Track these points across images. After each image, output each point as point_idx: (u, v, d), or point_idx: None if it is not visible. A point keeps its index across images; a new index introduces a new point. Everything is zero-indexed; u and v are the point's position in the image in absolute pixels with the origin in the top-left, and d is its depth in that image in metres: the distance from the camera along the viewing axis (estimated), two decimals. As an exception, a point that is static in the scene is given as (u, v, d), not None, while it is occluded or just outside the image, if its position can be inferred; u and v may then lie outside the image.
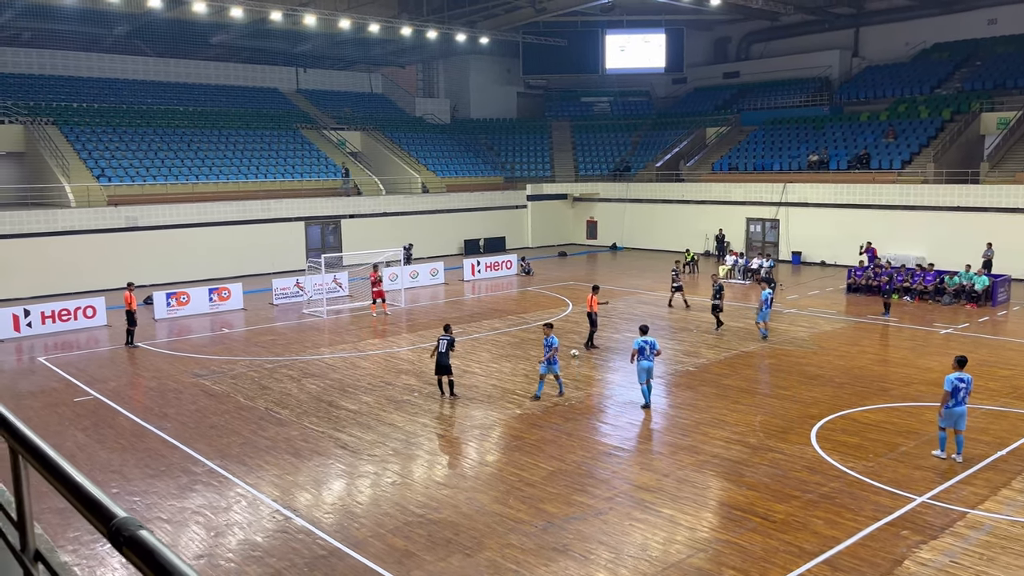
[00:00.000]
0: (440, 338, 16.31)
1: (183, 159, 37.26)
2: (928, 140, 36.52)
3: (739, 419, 14.76)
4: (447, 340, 16.19)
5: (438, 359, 16.24)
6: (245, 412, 15.77)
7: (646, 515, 10.69)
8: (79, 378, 18.59)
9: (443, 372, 16.33)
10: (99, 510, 1.53)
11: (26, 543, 2.04)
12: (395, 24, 39.19)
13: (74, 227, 30.92)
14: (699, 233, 40.95)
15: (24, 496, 2.06)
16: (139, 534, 1.42)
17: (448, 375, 16.39)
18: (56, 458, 1.79)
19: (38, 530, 2.13)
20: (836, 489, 11.45)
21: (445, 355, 16.17)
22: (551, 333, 16.14)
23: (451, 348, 16.29)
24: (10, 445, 2.06)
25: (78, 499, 1.60)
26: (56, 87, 39.65)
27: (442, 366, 16.24)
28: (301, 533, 10.35)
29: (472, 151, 49.25)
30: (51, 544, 2.16)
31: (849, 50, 46.93)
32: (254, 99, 46.02)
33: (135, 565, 1.39)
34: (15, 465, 2.05)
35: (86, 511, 1.57)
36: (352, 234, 38.44)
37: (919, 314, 25.12)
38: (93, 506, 1.55)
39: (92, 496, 1.58)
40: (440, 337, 16.34)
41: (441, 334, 16.51)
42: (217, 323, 25.50)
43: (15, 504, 2.12)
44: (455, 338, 16.51)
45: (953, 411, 12.29)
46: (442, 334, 16.45)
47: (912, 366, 18.49)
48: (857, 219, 34.99)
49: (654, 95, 55.52)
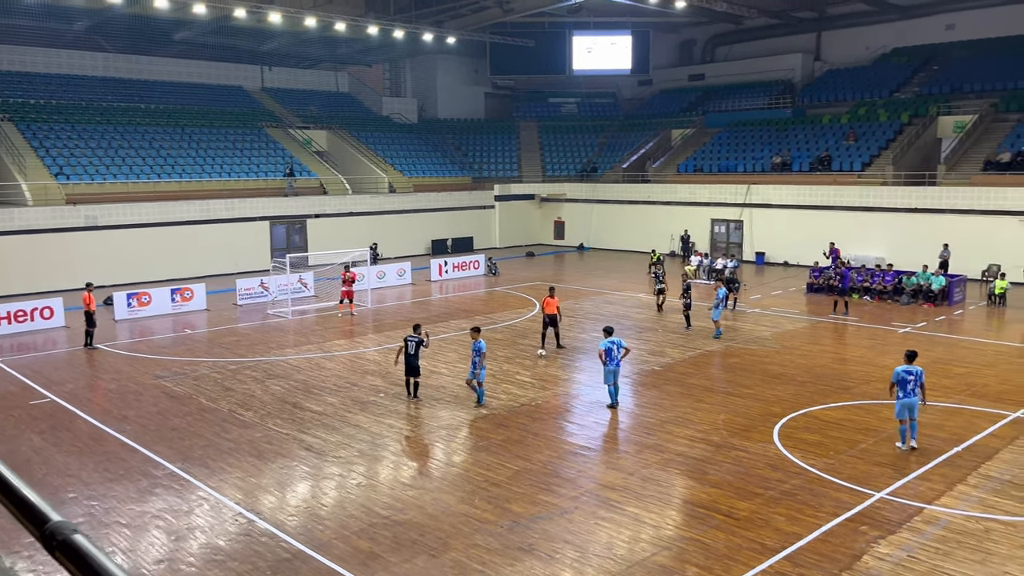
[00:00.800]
0: (407, 338, 16.13)
1: (145, 157, 36.65)
2: (887, 143, 37.20)
3: (703, 418, 14.90)
4: (415, 340, 16.06)
5: (407, 360, 16.08)
6: (208, 414, 15.55)
7: (611, 514, 10.74)
8: (35, 380, 18.18)
9: (412, 373, 16.20)
10: (32, 512, 1.48)
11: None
12: (362, 23, 38.92)
13: (31, 226, 30.25)
14: (665, 234, 41.27)
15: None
16: (73, 538, 1.37)
17: (416, 376, 16.27)
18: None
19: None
20: (797, 486, 11.60)
21: (414, 356, 16.04)
22: (479, 338, 15.85)
23: (419, 348, 16.11)
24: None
25: (10, 500, 1.54)
26: (13, 83, 38.76)
27: (411, 367, 16.11)
28: (264, 536, 10.23)
29: (439, 151, 49.12)
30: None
31: (811, 54, 47.64)
32: (218, 97, 45.42)
33: (68, 570, 1.35)
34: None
35: (18, 513, 1.52)
36: (318, 234, 38.12)
37: (878, 313, 25.57)
38: (25, 508, 1.50)
39: (24, 497, 1.53)
40: (407, 337, 16.17)
41: (409, 334, 16.36)
42: (179, 324, 25.12)
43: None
44: (424, 338, 16.24)
45: (904, 402, 12.91)
46: (410, 334, 16.31)
47: (871, 364, 18.81)
48: (819, 220, 35.52)
49: (620, 97, 55.85)
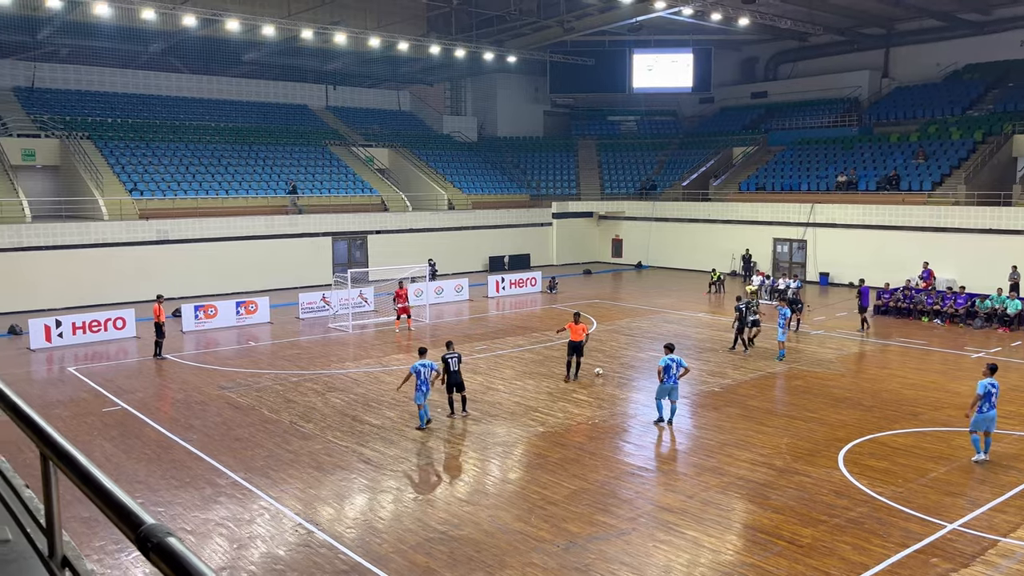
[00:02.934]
0: (446, 356, 15.98)
1: (214, 174, 37.81)
2: (959, 161, 36.08)
3: (765, 441, 14.58)
4: (455, 356, 15.95)
5: (450, 377, 15.96)
6: (270, 425, 15.86)
7: (670, 536, 10.57)
8: (108, 388, 18.82)
9: (458, 389, 16.13)
10: (128, 516, 1.55)
11: (54, 549, 2.06)
12: (424, 42, 39.60)
13: (106, 240, 31.44)
14: (725, 253, 40.70)
15: (53, 502, 2.08)
16: (167, 541, 1.43)
17: (461, 391, 16.18)
18: (87, 464, 1.81)
19: (65, 537, 2.15)
20: (864, 514, 11.24)
21: (457, 372, 15.94)
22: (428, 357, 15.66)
23: (460, 363, 16.01)
24: (41, 451, 2.08)
25: (107, 505, 1.61)
26: (92, 102, 40.51)
27: (455, 383, 16.03)
28: (323, 547, 10.35)
29: (498, 168, 49.47)
30: (78, 552, 2.18)
31: (879, 71, 46.62)
32: (284, 115, 46.67)
33: (162, 572, 1.40)
34: (45, 471, 2.07)
35: (115, 517, 1.58)
36: (378, 249, 38.70)
37: (950, 337, 24.72)
38: (122, 512, 1.56)
39: (121, 502, 1.59)
40: (446, 355, 16.01)
41: (446, 352, 16.21)
42: (244, 336, 25.73)
43: (44, 511, 2.15)
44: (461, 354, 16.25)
45: (988, 415, 12.93)
46: (447, 352, 16.16)
47: (943, 390, 18.17)
48: (886, 240, 34.59)
49: (681, 114, 55.50)
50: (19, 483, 2.75)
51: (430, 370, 15.33)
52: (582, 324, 19.30)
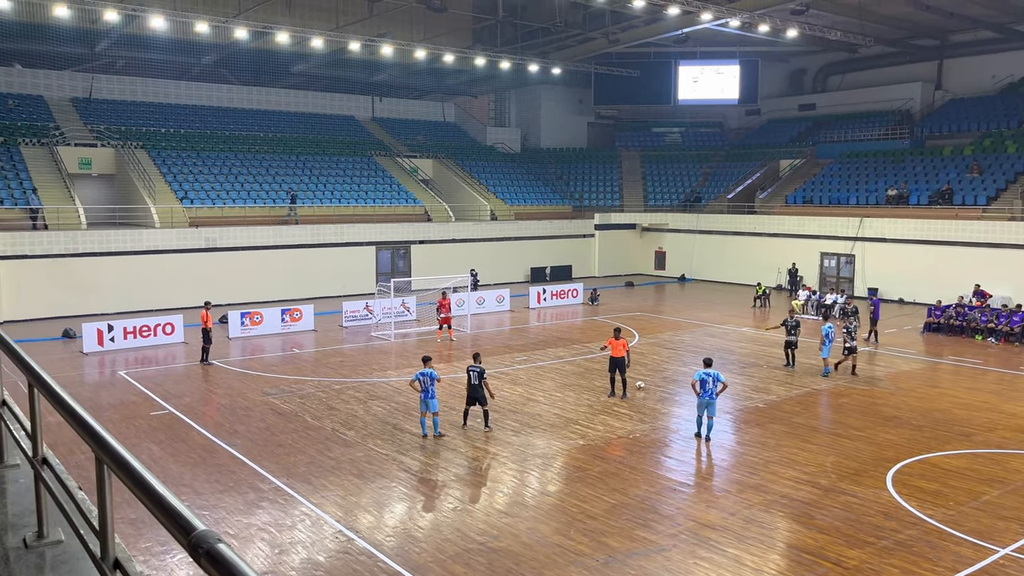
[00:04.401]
0: (470, 368, 15.90)
1: (261, 183, 38.51)
2: (1016, 176, 35.12)
3: (810, 459, 14.30)
4: (477, 371, 15.82)
5: (470, 391, 15.87)
6: (312, 432, 16.04)
7: (711, 554, 10.41)
8: (156, 392, 19.22)
9: (475, 403, 15.98)
10: (180, 521, 1.58)
11: (107, 551, 2.10)
12: (469, 54, 39.90)
13: (157, 247, 32.21)
14: (771, 266, 40.13)
15: (107, 505, 2.12)
16: (217, 547, 1.45)
17: (483, 405, 16.02)
18: (141, 470, 1.85)
19: (116, 539, 2.19)
20: (913, 537, 10.95)
21: (478, 386, 15.77)
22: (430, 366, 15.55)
23: (482, 378, 15.84)
24: (96, 455, 2.13)
25: (159, 510, 1.65)
26: (146, 113, 41.61)
27: (474, 397, 15.90)
28: (363, 555, 10.42)
29: (541, 180, 49.53)
30: (128, 554, 2.23)
31: (931, 83, 45.65)
32: (331, 126, 47.38)
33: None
34: (100, 474, 2.12)
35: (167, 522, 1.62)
36: (421, 259, 38.99)
37: (1005, 357, 24.02)
38: (174, 517, 1.60)
39: (174, 508, 1.62)
40: (470, 368, 15.93)
41: (471, 364, 16.13)
42: (288, 343, 26.09)
43: (97, 513, 2.19)
44: (484, 368, 16.11)
45: None
46: (471, 364, 16.06)
47: (996, 411, 17.65)
48: (938, 256, 33.77)
49: (727, 126, 55.00)
50: (72, 485, 2.82)
51: (429, 379, 15.29)
52: (623, 339, 18.91)
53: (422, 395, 15.34)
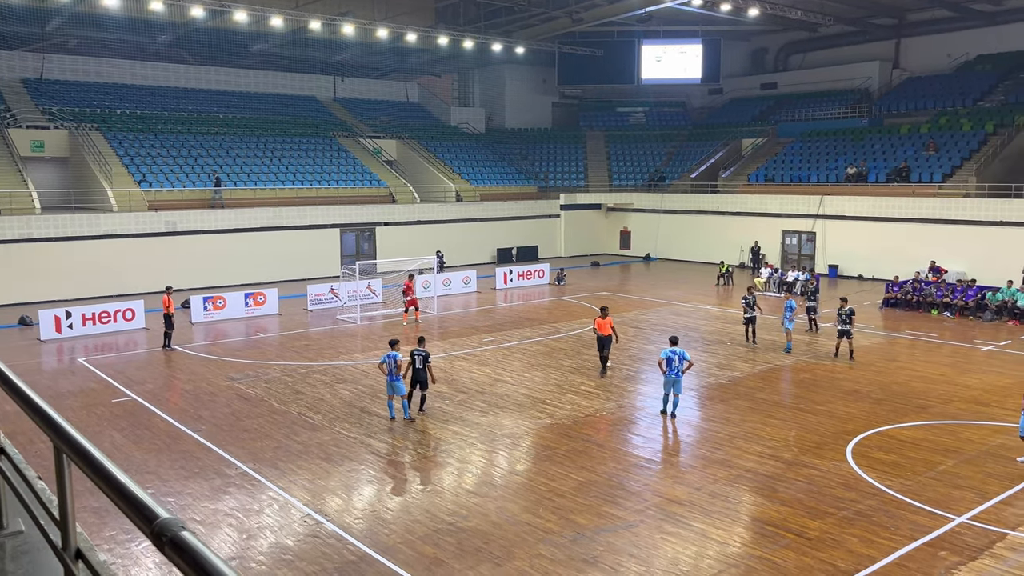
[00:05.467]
0: (414, 352, 15.66)
1: (222, 165, 37.86)
2: (970, 153, 35.84)
3: (773, 433, 14.57)
4: (422, 355, 15.59)
5: (414, 374, 15.65)
6: (278, 416, 15.93)
7: (677, 529, 10.58)
8: (117, 379, 18.92)
9: (422, 387, 15.79)
10: (142, 510, 1.56)
11: (67, 541, 2.07)
12: (432, 34, 39.51)
13: (116, 231, 31.56)
14: (734, 245, 40.58)
15: (67, 495, 2.09)
16: (182, 535, 1.43)
17: (423, 389, 15.82)
18: (101, 458, 1.82)
19: (78, 528, 2.16)
20: (872, 507, 11.23)
21: (422, 370, 15.60)
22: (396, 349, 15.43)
23: (427, 362, 15.62)
24: (55, 443, 2.09)
25: (121, 499, 1.62)
26: (101, 94, 40.59)
27: (420, 380, 15.71)
28: (331, 538, 10.41)
29: (506, 160, 49.40)
30: (90, 543, 2.19)
31: (889, 61, 46.29)
32: (292, 107, 46.68)
33: (177, 566, 1.41)
34: (59, 463, 2.08)
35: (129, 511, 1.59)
36: (386, 241, 38.73)
37: (960, 330, 24.62)
38: (136, 505, 1.57)
39: (135, 496, 1.60)
40: (414, 351, 15.69)
41: (415, 348, 15.87)
42: (252, 328, 25.81)
43: (57, 503, 2.16)
44: (429, 353, 15.90)
45: None
46: (416, 348, 15.82)
47: (952, 383, 18.11)
48: (896, 233, 34.42)
49: (690, 106, 55.28)
50: (31, 475, 2.77)
51: (394, 362, 15.23)
52: (608, 318, 19.04)
53: (388, 378, 15.30)
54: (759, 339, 22.68)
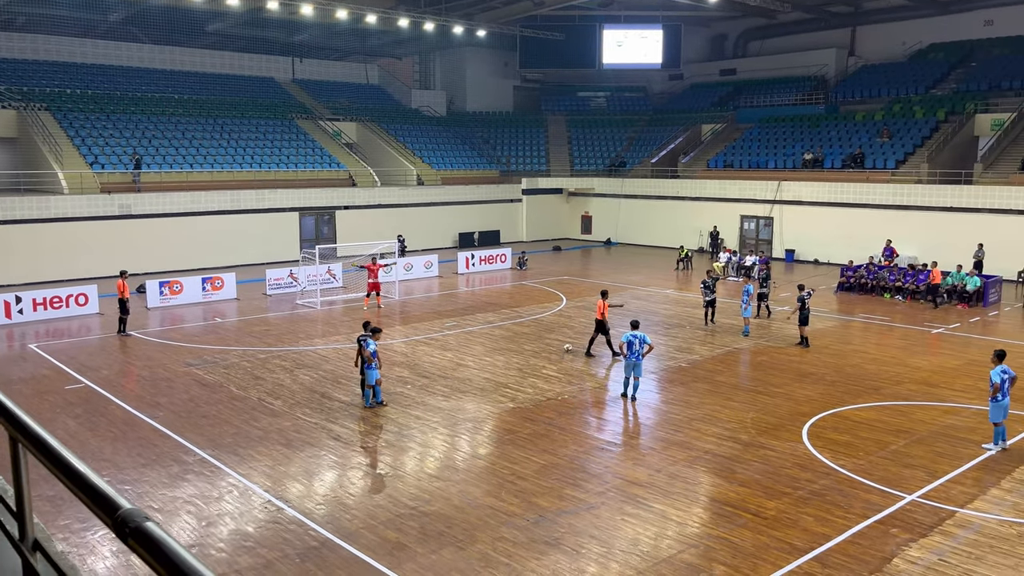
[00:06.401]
0: (360, 338, 15.49)
1: (177, 147, 37.09)
2: (923, 140, 36.64)
3: (731, 416, 14.81)
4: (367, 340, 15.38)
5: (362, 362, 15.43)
6: (237, 402, 15.75)
7: (637, 510, 10.73)
8: (70, 366, 18.52)
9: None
10: (104, 501, 1.53)
11: (25, 533, 2.03)
12: (392, 15, 39.06)
13: (67, 214, 30.76)
14: (694, 230, 41.00)
15: (23, 486, 2.05)
16: (145, 525, 1.42)
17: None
18: (59, 448, 1.78)
19: (36, 520, 2.12)
20: (827, 486, 11.50)
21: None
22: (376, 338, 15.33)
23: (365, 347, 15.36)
24: (10, 434, 2.04)
25: (82, 489, 1.59)
26: (50, 73, 39.40)
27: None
28: (293, 524, 10.35)
29: (468, 144, 49.18)
30: (47, 533, 2.16)
31: (845, 49, 47.01)
32: (249, 88, 45.82)
33: (141, 556, 1.39)
34: (15, 454, 2.04)
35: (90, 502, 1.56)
36: (346, 225, 38.36)
37: (911, 313, 25.23)
38: (97, 497, 1.55)
39: (96, 486, 1.57)
40: (359, 337, 15.52)
41: (361, 334, 15.66)
42: (210, 312, 25.43)
43: (14, 494, 2.11)
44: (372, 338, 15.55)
45: (1004, 404, 12.77)
46: (362, 334, 15.59)
47: (904, 365, 18.58)
48: (851, 218, 35.09)
49: (650, 91, 55.54)
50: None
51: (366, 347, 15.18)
52: (603, 301, 19.29)
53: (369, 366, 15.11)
54: (718, 322, 23.01)
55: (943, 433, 13.82)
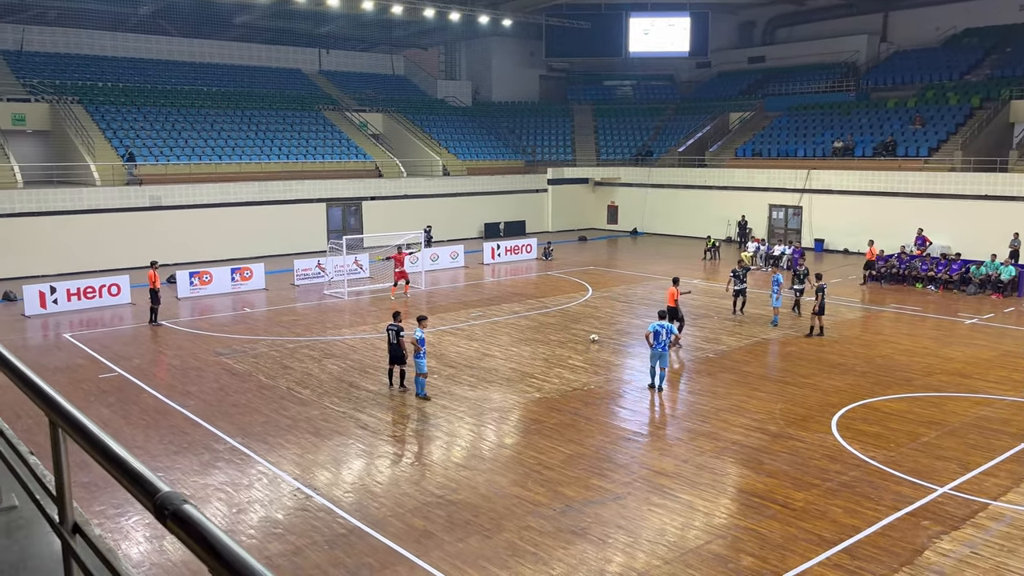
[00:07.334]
0: (389, 327, 15.64)
1: (206, 139, 37.47)
2: (956, 127, 35.96)
3: (759, 406, 14.71)
4: (395, 329, 15.48)
5: (390, 350, 15.67)
6: (267, 391, 15.93)
7: (664, 500, 10.71)
8: (104, 355, 18.84)
9: (396, 362, 15.75)
10: (143, 484, 1.56)
11: (65, 516, 2.07)
12: (418, 6, 39.06)
13: (99, 206, 31.23)
14: (721, 219, 40.66)
15: (63, 470, 2.09)
16: (184, 508, 1.44)
17: (401, 365, 15.73)
18: (99, 433, 1.82)
19: (75, 503, 2.17)
20: (856, 478, 11.39)
21: (397, 345, 15.50)
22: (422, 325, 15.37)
23: (399, 337, 15.45)
24: (50, 418, 2.09)
25: (122, 473, 1.62)
26: (82, 66, 39.95)
27: (395, 356, 15.66)
28: (321, 511, 10.46)
29: (493, 134, 49.12)
30: (86, 517, 2.20)
31: (877, 35, 46.20)
32: (277, 80, 46.13)
33: (180, 539, 1.42)
34: (55, 439, 2.08)
35: (129, 485, 1.60)
36: (373, 216, 38.54)
37: (943, 303, 24.85)
38: (137, 480, 1.58)
39: (136, 470, 1.61)
40: (389, 326, 15.67)
41: (390, 323, 15.78)
42: (239, 303, 25.71)
43: (54, 479, 2.16)
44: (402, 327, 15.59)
45: None
46: (391, 323, 15.71)
47: (936, 356, 18.32)
48: (882, 207, 34.57)
49: (677, 79, 55.06)
50: (24, 450, 2.76)
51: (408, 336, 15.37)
52: (673, 288, 19.46)
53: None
54: (747, 312, 22.84)
55: (976, 425, 13.62)
